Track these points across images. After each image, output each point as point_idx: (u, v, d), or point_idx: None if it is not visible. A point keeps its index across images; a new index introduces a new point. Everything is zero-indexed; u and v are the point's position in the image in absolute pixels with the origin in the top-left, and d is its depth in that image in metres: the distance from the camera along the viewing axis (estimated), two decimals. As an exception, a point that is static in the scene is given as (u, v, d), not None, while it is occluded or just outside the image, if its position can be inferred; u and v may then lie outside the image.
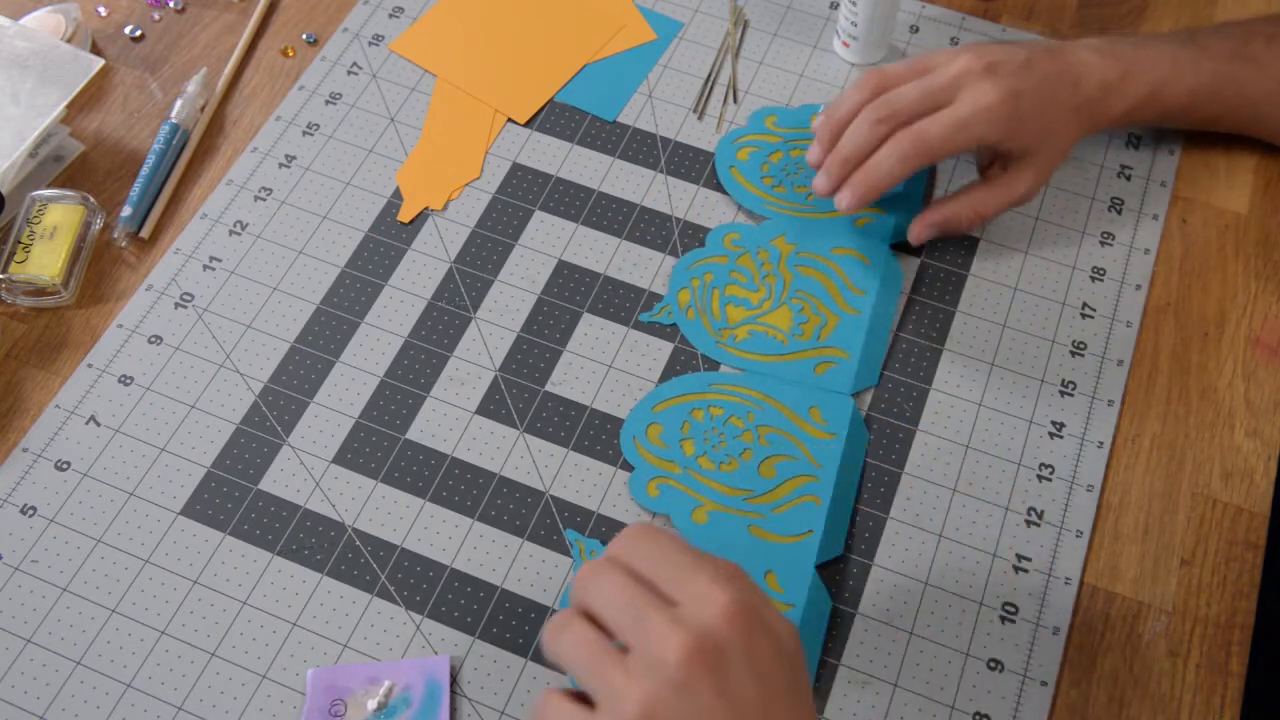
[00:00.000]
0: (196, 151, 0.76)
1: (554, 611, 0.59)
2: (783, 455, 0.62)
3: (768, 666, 0.43)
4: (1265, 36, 0.68)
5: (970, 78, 0.63)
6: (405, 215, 0.72)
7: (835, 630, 0.58)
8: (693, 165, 0.74)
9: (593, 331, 0.68)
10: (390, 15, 0.82)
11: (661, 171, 0.74)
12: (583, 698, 0.44)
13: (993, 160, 0.68)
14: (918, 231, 0.67)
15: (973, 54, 0.65)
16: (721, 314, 0.67)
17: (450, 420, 0.65)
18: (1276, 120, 0.70)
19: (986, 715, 0.56)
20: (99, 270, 0.71)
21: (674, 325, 0.67)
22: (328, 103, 0.77)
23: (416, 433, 0.64)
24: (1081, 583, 0.60)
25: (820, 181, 0.66)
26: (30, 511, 0.62)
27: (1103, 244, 0.71)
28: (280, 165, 0.74)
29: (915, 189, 0.72)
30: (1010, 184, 0.66)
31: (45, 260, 0.68)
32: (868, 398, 0.65)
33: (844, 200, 0.65)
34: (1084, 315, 0.68)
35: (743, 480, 0.62)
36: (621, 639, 0.44)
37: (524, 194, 0.73)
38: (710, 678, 0.41)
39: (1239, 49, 0.68)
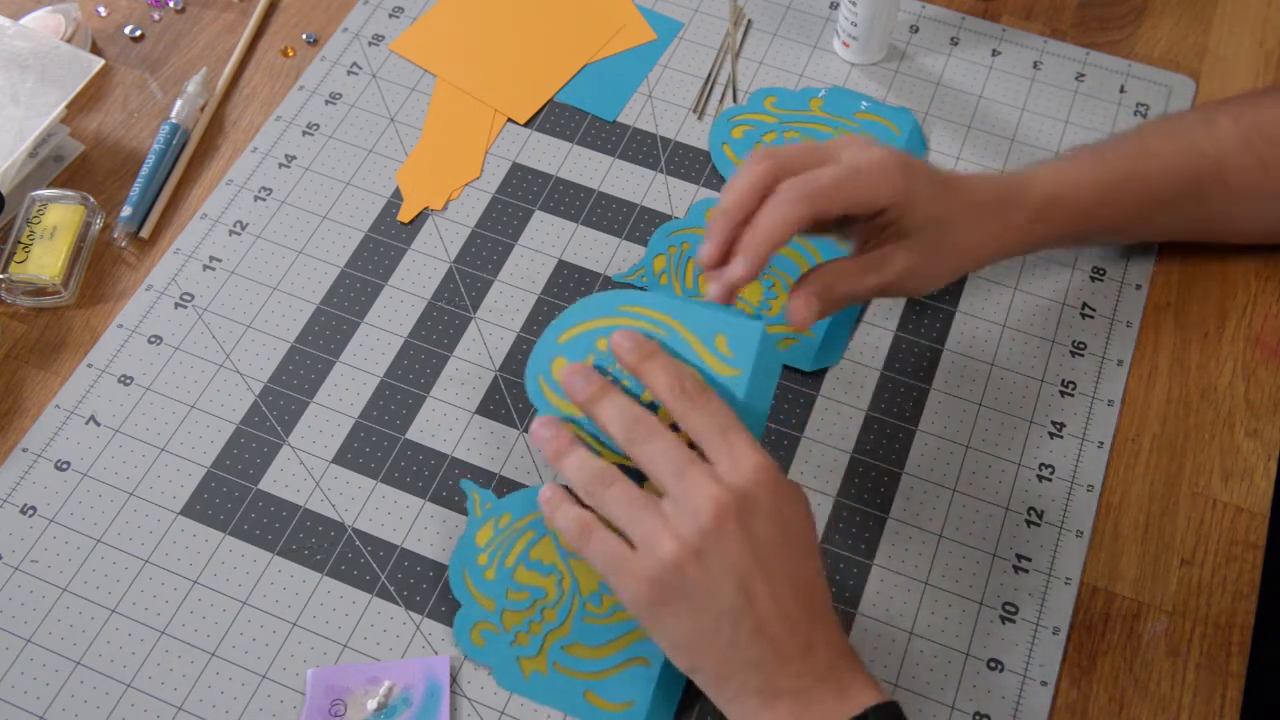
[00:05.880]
0: (196, 151, 0.76)
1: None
2: None
3: (786, 520, 0.50)
4: (1163, 134, 0.66)
5: (860, 144, 0.58)
6: (405, 215, 0.72)
7: (835, 630, 0.58)
8: (693, 165, 0.74)
9: (593, 331, 0.68)
10: (390, 15, 0.82)
11: (661, 171, 0.74)
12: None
13: (865, 241, 0.60)
14: (795, 309, 0.56)
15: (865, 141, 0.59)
16: (694, 282, 0.67)
17: (450, 420, 0.65)
18: (1181, 225, 0.67)
19: (986, 715, 0.56)
20: (99, 270, 0.71)
21: (645, 288, 0.67)
22: (328, 103, 0.77)
23: (416, 433, 0.64)
24: (1081, 583, 0.60)
25: (704, 249, 0.56)
26: (30, 511, 0.62)
27: (1103, 244, 0.71)
28: (280, 165, 0.74)
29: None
30: (883, 260, 0.58)
31: (45, 260, 0.68)
32: (867, 396, 0.65)
33: (736, 271, 0.54)
34: (1084, 315, 0.68)
35: None
36: (661, 486, 0.50)
37: (524, 194, 0.73)
38: (738, 527, 0.49)
39: (1139, 147, 0.65)
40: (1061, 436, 0.64)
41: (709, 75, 0.78)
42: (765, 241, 0.54)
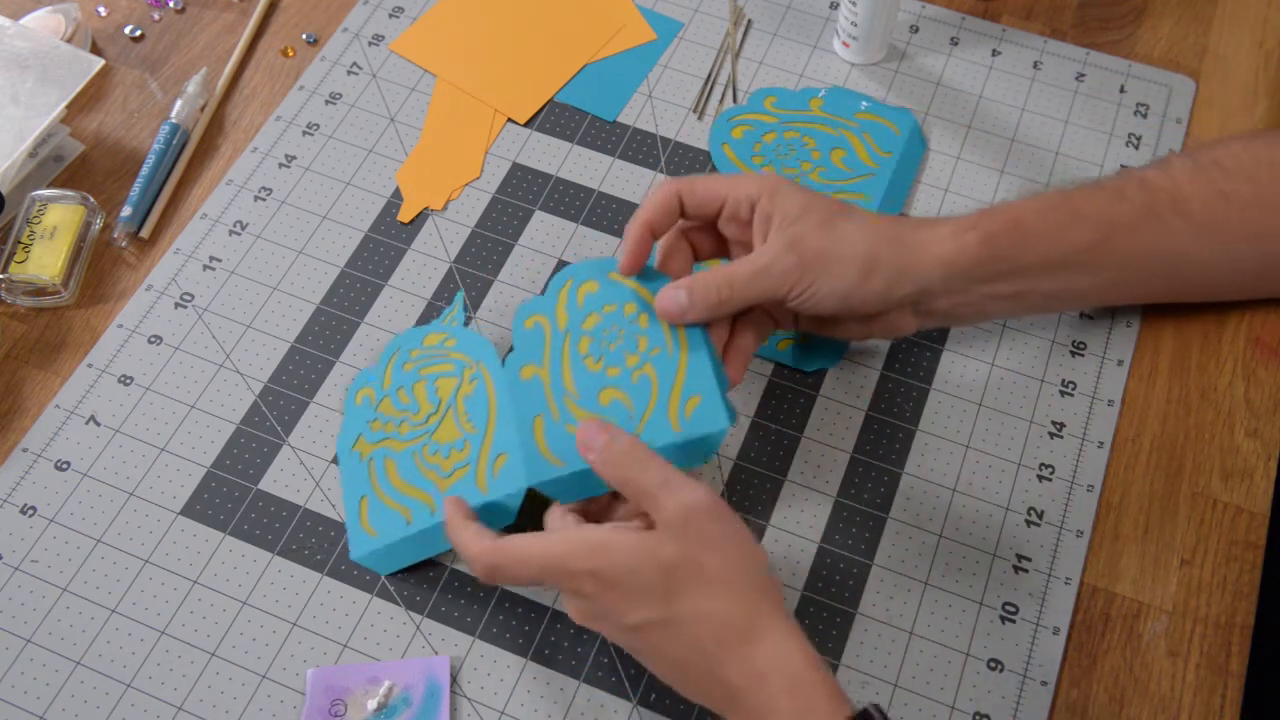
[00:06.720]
0: (196, 151, 0.76)
1: (552, 609, 0.59)
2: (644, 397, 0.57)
3: (699, 565, 0.50)
4: (1109, 176, 0.62)
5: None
6: (405, 215, 0.72)
7: (835, 630, 0.58)
8: (693, 165, 0.74)
9: (593, 331, 0.67)
10: (390, 15, 0.82)
11: (661, 171, 0.74)
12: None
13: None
14: (663, 297, 0.56)
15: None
16: None
17: (450, 420, 0.65)
18: (1152, 265, 0.62)
19: (986, 715, 0.56)
20: (99, 270, 0.71)
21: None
22: (328, 103, 0.77)
23: (416, 433, 0.64)
24: (1081, 583, 0.60)
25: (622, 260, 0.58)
26: (30, 511, 0.62)
27: (1103, 244, 0.71)
28: (280, 165, 0.74)
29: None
30: (755, 254, 0.57)
31: (45, 260, 0.68)
32: (867, 396, 0.65)
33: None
34: (1084, 315, 0.68)
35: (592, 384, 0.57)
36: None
37: (524, 194, 0.73)
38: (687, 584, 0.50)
39: (1084, 183, 0.62)
40: (1061, 436, 0.64)
41: (709, 75, 0.78)
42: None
